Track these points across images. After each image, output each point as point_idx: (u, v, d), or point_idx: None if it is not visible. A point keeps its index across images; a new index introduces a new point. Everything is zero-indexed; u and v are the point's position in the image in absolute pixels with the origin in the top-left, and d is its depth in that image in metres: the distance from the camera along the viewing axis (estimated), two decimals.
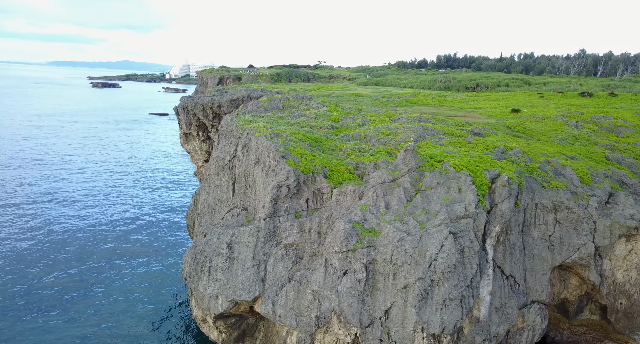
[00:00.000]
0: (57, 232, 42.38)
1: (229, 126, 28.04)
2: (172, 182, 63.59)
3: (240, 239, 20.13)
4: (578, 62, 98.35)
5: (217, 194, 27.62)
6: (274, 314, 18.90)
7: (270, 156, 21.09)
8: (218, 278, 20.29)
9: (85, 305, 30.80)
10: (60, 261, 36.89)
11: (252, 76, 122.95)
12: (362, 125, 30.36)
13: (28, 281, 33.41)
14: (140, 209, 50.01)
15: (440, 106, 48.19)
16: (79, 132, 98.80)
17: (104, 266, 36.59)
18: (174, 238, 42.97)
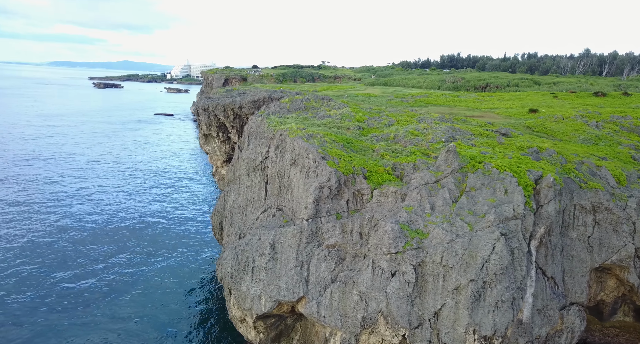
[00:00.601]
0: (82, 230, 42.42)
1: (259, 127, 28.00)
2: (186, 180, 63.62)
3: (283, 239, 20.11)
4: (583, 61, 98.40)
5: (247, 195, 27.60)
6: (318, 315, 18.88)
7: (309, 157, 21.06)
8: (261, 279, 20.28)
9: (112, 304, 30.90)
10: (90, 257, 37.06)
11: (258, 77, 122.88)
12: (388, 125, 30.36)
13: (54, 278, 33.46)
14: (158, 208, 50.07)
15: (455, 106, 48.22)
16: (89, 133, 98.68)
17: (131, 263, 36.76)
18: (201, 236, 43.14)
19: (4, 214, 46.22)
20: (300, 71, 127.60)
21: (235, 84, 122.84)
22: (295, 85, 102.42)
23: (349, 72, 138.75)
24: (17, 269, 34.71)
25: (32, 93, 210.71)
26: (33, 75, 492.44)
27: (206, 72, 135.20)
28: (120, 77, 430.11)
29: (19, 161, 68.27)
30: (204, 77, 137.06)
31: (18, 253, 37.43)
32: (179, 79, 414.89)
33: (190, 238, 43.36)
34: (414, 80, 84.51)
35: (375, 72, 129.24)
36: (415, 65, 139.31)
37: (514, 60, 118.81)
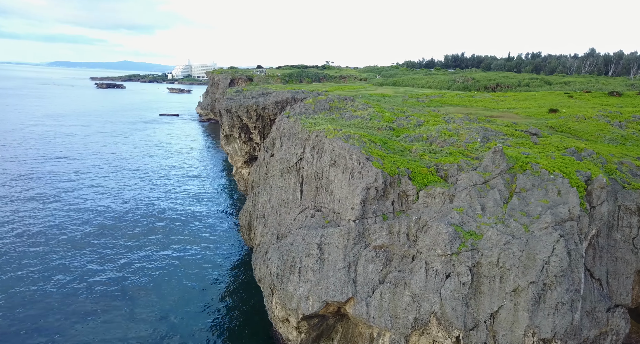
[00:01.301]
0: (104, 227, 42.34)
1: (293, 128, 27.85)
2: (198, 178, 63.54)
3: (330, 240, 19.99)
4: (589, 61, 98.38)
5: (281, 196, 27.46)
6: (368, 316, 18.77)
7: (353, 158, 20.93)
8: (309, 279, 20.16)
9: (139, 301, 30.79)
10: (116, 253, 36.98)
11: (264, 77, 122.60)
12: (417, 126, 30.23)
13: (76, 275, 33.37)
14: (177, 206, 50.03)
15: (471, 106, 48.09)
16: (98, 133, 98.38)
17: (155, 259, 36.74)
18: (225, 233, 43.16)
19: (25, 210, 46.10)
20: (305, 71, 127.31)
21: (242, 84, 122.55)
22: (301, 85, 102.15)
23: (354, 72, 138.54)
24: (46, 262, 34.61)
25: (37, 93, 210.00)
26: (34, 75, 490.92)
27: (212, 73, 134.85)
28: (122, 78, 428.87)
29: (33, 160, 68.02)
30: (209, 77, 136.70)
31: (45, 247, 37.35)
32: (180, 79, 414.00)
33: (213, 234, 43.32)
34: (422, 81, 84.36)
35: (381, 72, 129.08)
36: (420, 65, 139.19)
37: (519, 60, 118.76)
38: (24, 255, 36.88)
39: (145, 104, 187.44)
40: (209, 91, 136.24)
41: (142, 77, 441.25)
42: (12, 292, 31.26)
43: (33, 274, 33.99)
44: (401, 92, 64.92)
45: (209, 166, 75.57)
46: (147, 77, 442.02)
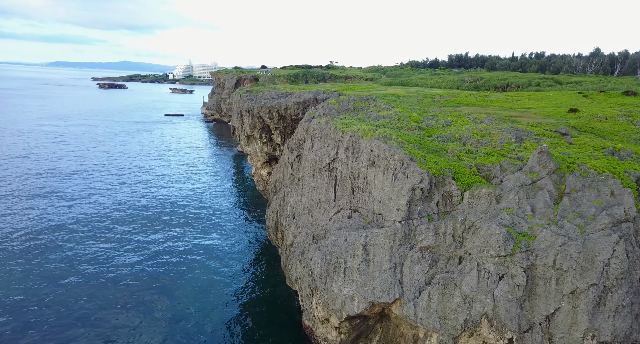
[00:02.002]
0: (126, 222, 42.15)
1: (324, 129, 27.59)
2: (210, 176, 63.39)
3: (375, 241, 19.76)
4: (595, 61, 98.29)
5: (313, 196, 27.23)
6: (415, 317, 18.55)
7: (395, 158, 20.69)
8: (354, 280, 19.94)
9: (168, 303, 30.57)
10: (139, 246, 36.81)
11: (269, 77, 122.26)
12: (446, 126, 30.00)
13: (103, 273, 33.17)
14: (192, 202, 49.86)
15: (487, 106, 47.88)
16: (107, 133, 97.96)
17: (177, 253, 36.59)
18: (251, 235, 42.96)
19: (45, 206, 45.85)
20: (311, 71, 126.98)
21: (247, 84, 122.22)
22: (307, 85, 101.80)
23: (358, 72, 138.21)
24: (74, 255, 34.38)
25: (40, 94, 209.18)
26: (35, 76, 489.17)
27: (217, 73, 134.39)
28: (123, 78, 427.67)
29: (47, 159, 67.65)
30: (215, 78, 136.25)
31: (70, 241, 37.12)
32: (182, 80, 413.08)
33: (231, 230, 43.12)
34: (431, 81, 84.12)
35: (385, 72, 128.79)
36: (424, 65, 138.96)
37: (523, 59, 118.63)
38: (51, 247, 36.69)
39: (149, 104, 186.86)
40: (214, 91, 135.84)
41: (144, 78, 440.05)
42: (43, 282, 31.07)
43: (62, 265, 33.91)
44: (413, 92, 64.67)
45: (220, 165, 75.33)
46: (148, 78, 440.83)
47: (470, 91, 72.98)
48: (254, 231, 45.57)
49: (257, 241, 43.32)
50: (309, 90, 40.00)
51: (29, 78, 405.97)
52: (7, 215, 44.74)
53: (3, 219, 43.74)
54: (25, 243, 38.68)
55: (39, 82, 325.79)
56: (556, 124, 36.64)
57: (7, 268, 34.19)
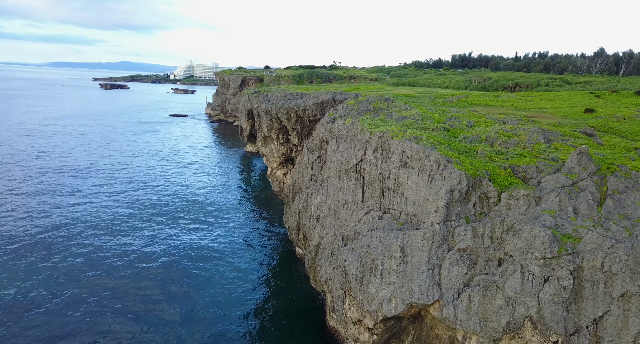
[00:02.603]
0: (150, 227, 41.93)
1: (350, 130, 27.35)
2: (220, 176, 63.16)
3: (413, 243, 19.53)
4: (600, 60, 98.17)
5: (339, 197, 26.99)
6: (455, 318, 18.34)
7: (431, 160, 20.46)
8: (392, 281, 19.72)
9: (185, 303, 30.37)
10: (158, 242, 36.60)
11: (274, 78, 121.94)
12: (469, 126, 29.78)
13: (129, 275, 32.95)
14: (208, 200, 49.68)
15: (500, 106, 47.66)
16: (115, 133, 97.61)
17: (197, 249, 36.46)
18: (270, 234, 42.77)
19: (66, 202, 45.58)
20: (315, 72, 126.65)
21: (252, 85, 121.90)
22: (312, 86, 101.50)
23: (362, 72, 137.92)
24: (99, 251, 34.17)
25: (44, 95, 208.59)
26: (36, 76, 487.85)
27: (222, 73, 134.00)
28: (124, 78, 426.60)
29: (61, 158, 67.34)
30: (220, 78, 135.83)
31: (94, 237, 36.88)
32: (183, 80, 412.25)
33: (248, 228, 42.92)
34: (438, 81, 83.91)
35: (390, 72, 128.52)
36: (428, 65, 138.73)
37: (528, 59, 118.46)
38: (72, 243, 36.49)
39: (152, 104, 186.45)
40: (218, 92, 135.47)
41: (145, 78, 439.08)
42: (64, 277, 30.85)
43: (83, 260, 33.74)
44: (423, 93, 64.43)
45: (230, 165, 75.16)
46: (150, 78, 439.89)
47: (478, 91, 72.77)
48: (269, 230, 45.36)
49: (273, 240, 43.13)
50: (326, 91, 39.74)
51: (30, 78, 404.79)
52: (27, 212, 44.48)
53: (22, 215, 43.48)
54: (44, 239, 38.45)
55: (40, 83, 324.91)
56: (574, 124, 36.41)
57: (30, 263, 33.95)
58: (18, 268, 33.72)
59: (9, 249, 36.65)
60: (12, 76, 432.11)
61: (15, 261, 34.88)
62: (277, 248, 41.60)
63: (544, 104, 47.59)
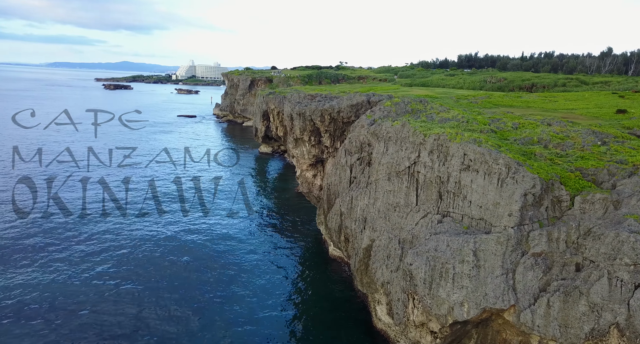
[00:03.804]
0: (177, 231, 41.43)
1: (400, 132, 26.89)
2: (236, 176, 62.73)
3: (485, 247, 19.11)
4: (609, 60, 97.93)
5: (389, 200, 26.57)
6: (532, 324, 17.93)
7: (500, 163, 20.03)
8: (464, 285, 19.30)
9: (224, 304, 29.94)
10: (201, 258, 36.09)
11: (284, 78, 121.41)
12: (515, 128, 29.39)
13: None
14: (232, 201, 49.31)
15: (527, 107, 47.29)
16: (128, 132, 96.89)
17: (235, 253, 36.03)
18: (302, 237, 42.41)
19: (98, 194, 45.06)
20: (324, 72, 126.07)
21: (261, 85, 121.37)
22: (322, 86, 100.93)
23: (369, 73, 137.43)
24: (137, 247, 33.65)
25: (51, 95, 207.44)
26: (37, 76, 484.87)
27: (231, 74, 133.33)
28: (126, 78, 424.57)
29: (83, 156, 66.72)
30: (228, 79, 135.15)
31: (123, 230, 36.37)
32: (184, 80, 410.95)
33: (279, 228, 42.49)
34: (452, 81, 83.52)
35: (397, 73, 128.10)
36: (434, 65, 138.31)
37: (536, 59, 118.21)
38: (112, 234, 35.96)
39: (158, 105, 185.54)
40: (227, 93, 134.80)
41: (146, 78, 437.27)
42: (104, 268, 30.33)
43: (121, 254, 33.09)
44: (441, 93, 64.01)
45: (247, 166, 74.70)
46: (152, 78, 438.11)
47: (493, 91, 72.40)
48: (297, 231, 44.88)
49: (302, 241, 42.69)
50: (360, 92, 39.26)
51: (32, 79, 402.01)
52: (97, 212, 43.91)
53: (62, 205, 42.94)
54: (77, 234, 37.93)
55: (44, 83, 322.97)
56: (609, 125, 36.07)
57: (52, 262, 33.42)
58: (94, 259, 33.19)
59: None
60: (14, 77, 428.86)
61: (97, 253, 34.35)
62: (308, 249, 41.16)
63: (570, 105, 47.22)
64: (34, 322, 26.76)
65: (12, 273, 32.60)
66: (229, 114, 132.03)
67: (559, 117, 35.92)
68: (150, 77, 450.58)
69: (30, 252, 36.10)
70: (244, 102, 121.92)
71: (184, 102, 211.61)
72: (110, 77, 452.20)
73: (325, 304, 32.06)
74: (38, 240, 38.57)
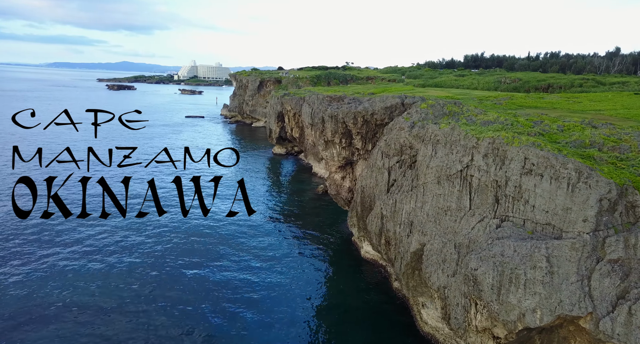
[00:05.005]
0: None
1: (449, 135, 26.41)
2: (256, 178, 62.13)
3: (559, 253, 18.64)
4: (618, 60, 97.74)
5: (439, 203, 26.10)
6: (612, 332, 17.47)
7: (569, 167, 19.54)
8: (537, 292, 18.84)
9: (258, 310, 29.43)
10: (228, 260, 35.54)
11: (292, 79, 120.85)
12: (561, 131, 28.93)
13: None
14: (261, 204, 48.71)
15: (552, 108, 46.85)
16: (141, 133, 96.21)
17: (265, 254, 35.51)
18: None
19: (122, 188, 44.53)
20: (332, 73, 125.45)
21: (270, 86, 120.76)
22: (335, 87, 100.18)
23: (376, 73, 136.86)
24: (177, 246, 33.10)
25: (56, 95, 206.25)
26: (40, 76, 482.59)
27: (239, 75, 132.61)
28: (128, 79, 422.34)
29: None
30: (236, 79, 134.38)
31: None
32: (186, 80, 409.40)
33: (309, 230, 41.96)
34: (465, 82, 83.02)
35: (404, 73, 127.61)
36: (441, 65, 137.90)
37: (544, 59, 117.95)
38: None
39: (164, 105, 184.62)
40: (235, 93, 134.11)
41: (148, 78, 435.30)
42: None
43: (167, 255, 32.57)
44: (458, 94, 63.48)
45: (263, 167, 74.14)
46: (154, 79, 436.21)
47: (508, 92, 71.97)
48: (324, 232, 44.35)
49: (331, 243, 42.18)
50: (392, 94, 38.80)
51: (34, 79, 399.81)
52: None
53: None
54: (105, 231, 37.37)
55: (48, 84, 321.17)
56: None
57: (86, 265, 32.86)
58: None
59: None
60: (15, 77, 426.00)
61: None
62: (338, 251, 40.64)
63: (596, 106, 46.80)
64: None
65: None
66: (237, 115, 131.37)
67: (599, 119, 35.49)
68: (152, 77, 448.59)
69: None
70: (253, 102, 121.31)
71: (189, 102, 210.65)
72: (111, 77, 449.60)
73: (364, 307, 31.62)
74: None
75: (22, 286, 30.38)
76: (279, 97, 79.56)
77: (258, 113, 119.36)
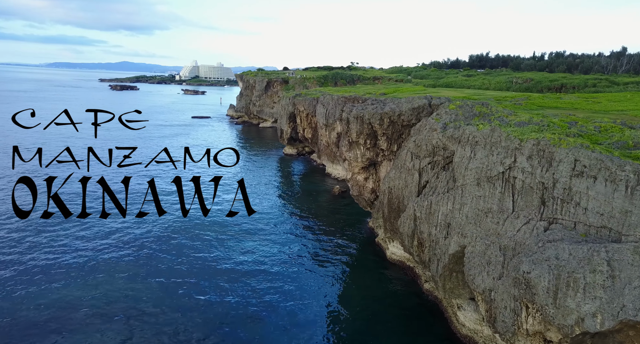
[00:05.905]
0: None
1: (489, 137, 25.97)
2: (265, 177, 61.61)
3: (620, 257, 18.22)
4: (625, 60, 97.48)
5: (479, 205, 25.68)
6: None
7: (626, 169, 19.11)
8: (597, 296, 18.42)
9: (284, 312, 29.02)
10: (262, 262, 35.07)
11: (300, 79, 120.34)
12: (597, 132, 28.52)
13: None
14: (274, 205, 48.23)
15: (572, 108, 46.42)
16: (149, 134, 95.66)
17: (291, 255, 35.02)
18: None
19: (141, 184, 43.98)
20: (339, 73, 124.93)
21: (277, 87, 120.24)
22: (340, 88, 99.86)
23: (382, 73, 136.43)
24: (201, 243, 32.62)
25: (61, 96, 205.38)
26: (41, 77, 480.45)
27: (246, 75, 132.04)
28: (130, 79, 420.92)
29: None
30: (243, 80, 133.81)
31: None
32: (188, 80, 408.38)
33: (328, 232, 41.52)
34: (476, 82, 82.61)
35: (410, 73, 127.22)
36: (446, 65, 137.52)
37: (548, 59, 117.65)
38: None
39: (168, 106, 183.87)
40: (242, 94, 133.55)
41: (150, 79, 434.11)
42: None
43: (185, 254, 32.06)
44: (472, 94, 63.01)
45: (275, 168, 73.69)
46: (155, 79, 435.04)
47: (521, 92, 71.59)
48: (344, 234, 43.87)
49: (354, 244, 41.72)
50: (419, 95, 38.38)
51: (35, 79, 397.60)
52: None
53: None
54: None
55: (50, 84, 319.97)
56: None
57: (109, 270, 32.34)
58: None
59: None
60: (16, 78, 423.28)
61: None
62: (362, 253, 40.15)
63: (617, 106, 46.40)
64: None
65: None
66: (244, 115, 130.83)
67: (593, 117, 35.08)
68: (153, 77, 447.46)
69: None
70: (260, 103, 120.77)
71: (193, 102, 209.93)
72: (113, 77, 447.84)
73: (395, 310, 31.15)
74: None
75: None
76: (291, 97, 79.07)
77: (265, 113, 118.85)
